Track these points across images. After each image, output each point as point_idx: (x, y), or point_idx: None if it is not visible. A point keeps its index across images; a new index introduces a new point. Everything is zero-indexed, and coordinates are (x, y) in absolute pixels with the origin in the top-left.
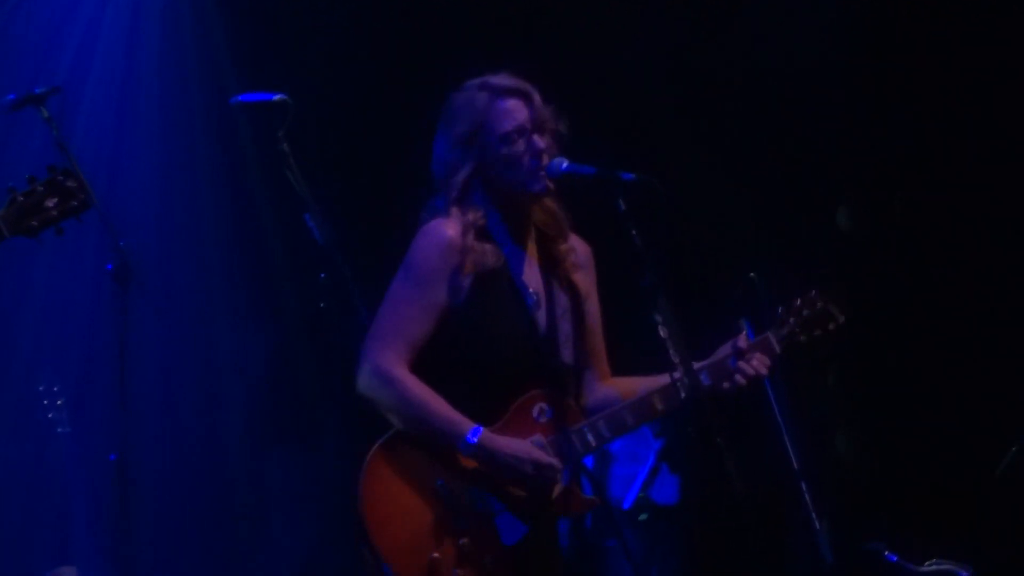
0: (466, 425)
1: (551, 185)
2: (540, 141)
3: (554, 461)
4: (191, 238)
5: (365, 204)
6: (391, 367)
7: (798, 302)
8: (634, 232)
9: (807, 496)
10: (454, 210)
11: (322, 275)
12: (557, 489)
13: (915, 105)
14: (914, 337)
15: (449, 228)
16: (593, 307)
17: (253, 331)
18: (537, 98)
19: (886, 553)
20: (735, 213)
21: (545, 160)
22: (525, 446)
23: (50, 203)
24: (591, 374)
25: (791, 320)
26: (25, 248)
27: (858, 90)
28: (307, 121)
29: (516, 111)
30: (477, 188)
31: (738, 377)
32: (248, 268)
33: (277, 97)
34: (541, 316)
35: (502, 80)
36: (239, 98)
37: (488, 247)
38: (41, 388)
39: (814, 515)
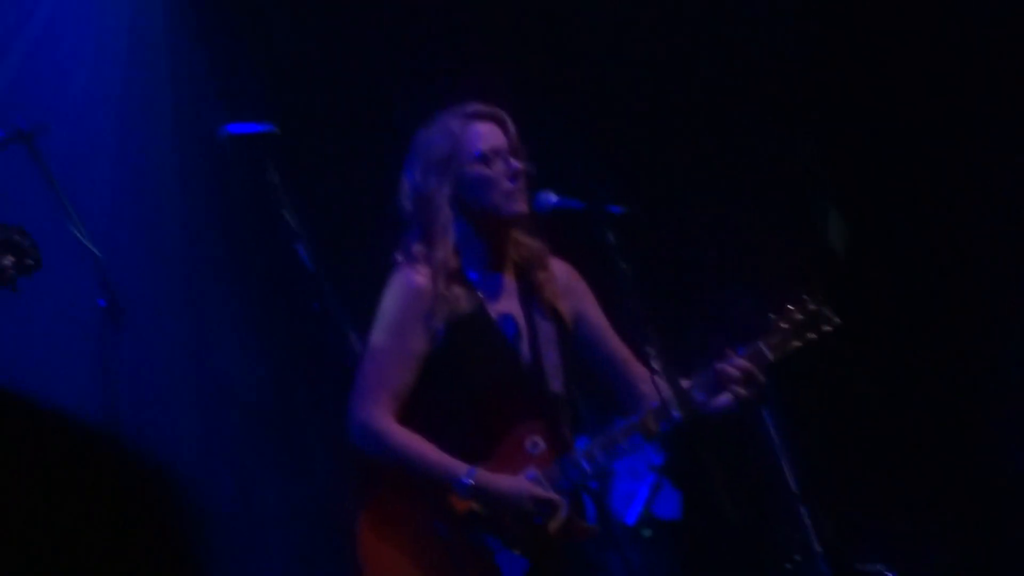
0: (460, 467)
1: (525, 210)
2: (517, 163)
3: (553, 496)
4: (182, 270)
5: (354, 232)
6: (375, 422)
7: (790, 307)
8: (623, 265)
9: (806, 518)
10: (423, 250)
11: (315, 304)
12: (557, 522)
13: (891, 112)
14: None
15: (419, 276)
16: (594, 321)
17: (246, 360)
18: (511, 125)
19: (887, 573)
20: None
21: (522, 181)
22: (522, 483)
23: (6, 261)
24: (626, 384)
25: (784, 326)
26: None
27: (831, 98)
28: (295, 150)
29: (492, 134)
30: (452, 217)
31: (734, 387)
32: (241, 297)
33: (265, 127)
34: (524, 347)
35: (475, 106)
36: (227, 129)
37: (460, 291)
38: None
39: (813, 537)
